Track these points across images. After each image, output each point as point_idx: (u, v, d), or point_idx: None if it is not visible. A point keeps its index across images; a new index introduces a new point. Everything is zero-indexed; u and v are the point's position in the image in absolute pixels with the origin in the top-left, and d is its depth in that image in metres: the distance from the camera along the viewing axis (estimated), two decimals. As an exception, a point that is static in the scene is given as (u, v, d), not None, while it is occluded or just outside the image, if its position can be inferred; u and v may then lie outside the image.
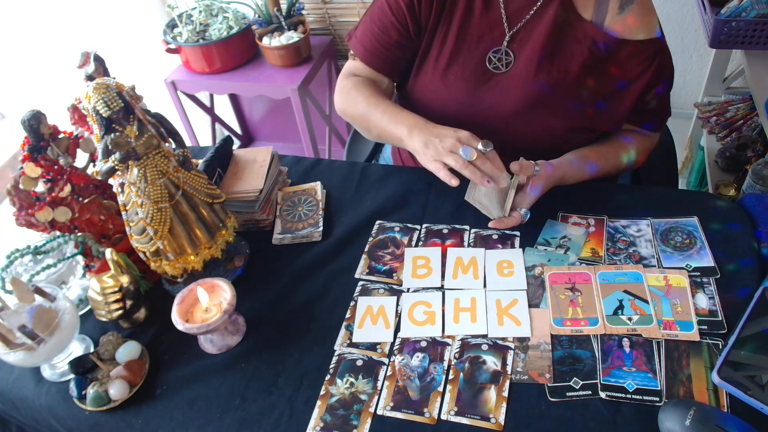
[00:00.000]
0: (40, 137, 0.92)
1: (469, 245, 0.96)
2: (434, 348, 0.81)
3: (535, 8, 0.97)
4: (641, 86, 0.98)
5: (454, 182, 0.87)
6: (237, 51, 2.01)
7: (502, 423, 0.71)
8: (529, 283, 0.88)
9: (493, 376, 0.76)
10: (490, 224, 0.94)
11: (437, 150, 0.88)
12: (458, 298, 0.86)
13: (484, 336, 0.81)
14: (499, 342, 0.80)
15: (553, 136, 1.01)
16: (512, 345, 0.80)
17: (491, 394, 0.74)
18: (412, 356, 0.81)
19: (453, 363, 0.79)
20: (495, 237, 0.96)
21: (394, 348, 0.82)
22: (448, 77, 1.02)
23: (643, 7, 0.95)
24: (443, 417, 0.73)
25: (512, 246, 0.94)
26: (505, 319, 0.83)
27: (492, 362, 0.78)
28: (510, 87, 1.00)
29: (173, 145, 0.89)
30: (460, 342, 0.81)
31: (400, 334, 0.84)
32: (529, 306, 0.84)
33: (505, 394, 0.74)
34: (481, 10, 0.99)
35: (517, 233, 0.96)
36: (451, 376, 0.77)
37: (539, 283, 0.88)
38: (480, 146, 0.87)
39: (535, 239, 0.95)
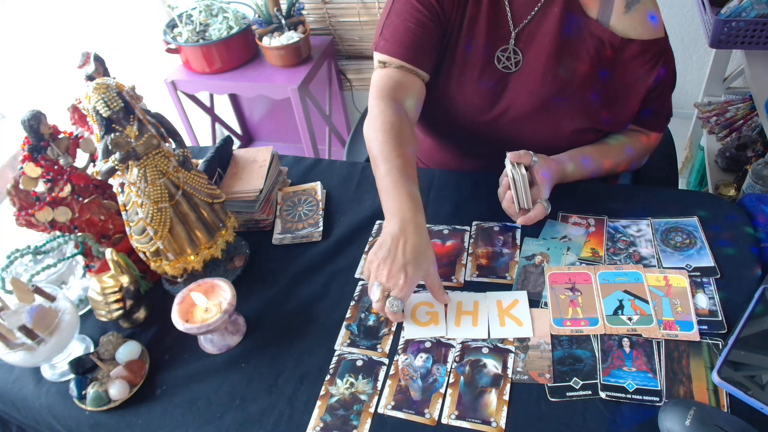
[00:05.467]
0: (40, 137, 0.92)
1: (471, 238, 0.96)
2: (438, 349, 0.81)
3: (539, 5, 0.96)
4: (646, 86, 0.98)
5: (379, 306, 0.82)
6: (237, 51, 2.01)
7: (503, 427, 0.71)
8: (529, 272, 0.88)
9: (494, 379, 0.76)
10: (518, 221, 0.93)
11: (373, 267, 0.82)
12: (461, 302, 0.86)
13: (485, 339, 0.81)
14: (500, 345, 0.80)
15: (560, 137, 1.01)
16: (513, 348, 0.80)
17: (492, 397, 0.74)
18: (416, 356, 0.80)
19: (453, 366, 0.79)
20: (496, 229, 0.97)
21: (398, 348, 0.82)
22: (459, 81, 1.02)
23: (648, 7, 0.95)
24: (444, 421, 0.73)
25: (513, 239, 0.95)
26: (506, 320, 0.83)
27: (492, 365, 0.78)
28: (520, 88, 0.99)
29: (173, 145, 0.89)
30: (461, 345, 0.81)
31: (403, 335, 0.84)
32: (530, 298, 0.85)
33: (506, 397, 0.74)
34: (488, 9, 0.98)
35: (519, 227, 0.96)
36: (451, 380, 0.77)
37: (540, 271, 0.88)
38: (391, 304, 0.79)
39: (535, 238, 0.95)
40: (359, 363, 0.81)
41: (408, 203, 0.83)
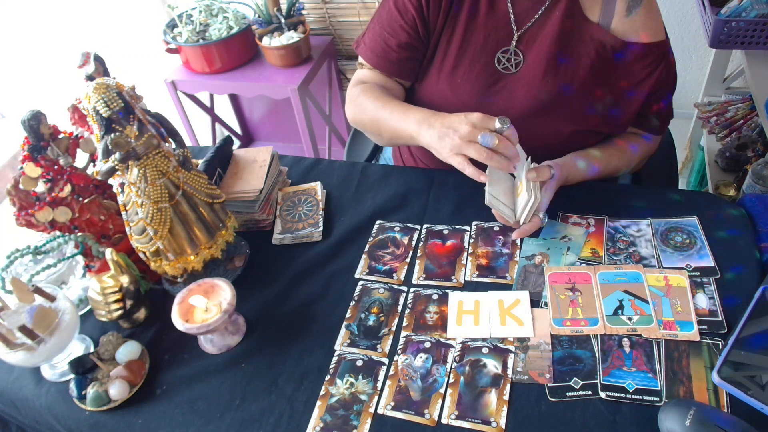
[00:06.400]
0: (40, 137, 0.92)
1: (471, 238, 0.96)
2: (438, 349, 0.81)
3: (542, 9, 0.97)
4: (647, 89, 0.98)
5: (483, 178, 0.85)
6: (237, 51, 2.01)
7: (503, 427, 0.71)
8: (529, 272, 0.88)
9: (494, 379, 0.76)
10: (513, 235, 0.93)
11: (454, 142, 0.85)
12: (461, 301, 0.86)
13: (485, 339, 0.81)
14: (500, 345, 0.80)
15: (558, 138, 1.01)
16: (513, 348, 0.80)
17: (492, 397, 0.74)
18: (416, 356, 0.80)
19: (453, 366, 0.79)
20: (496, 229, 0.97)
21: (398, 348, 0.82)
22: (454, 80, 1.02)
23: (649, 10, 0.95)
24: (444, 421, 0.73)
25: (512, 239, 0.94)
26: (507, 319, 0.83)
27: (493, 366, 0.78)
28: (518, 89, 0.99)
29: (173, 145, 0.89)
30: (461, 345, 0.81)
31: (404, 334, 0.84)
32: (531, 297, 0.85)
33: (506, 397, 0.74)
34: (486, 11, 0.98)
35: (519, 227, 0.96)
36: (451, 380, 0.77)
37: (540, 271, 0.88)
38: (497, 124, 0.83)
39: (535, 238, 0.95)
40: (359, 363, 0.81)
41: (420, 111, 0.94)
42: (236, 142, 2.48)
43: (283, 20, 1.95)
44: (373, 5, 2.05)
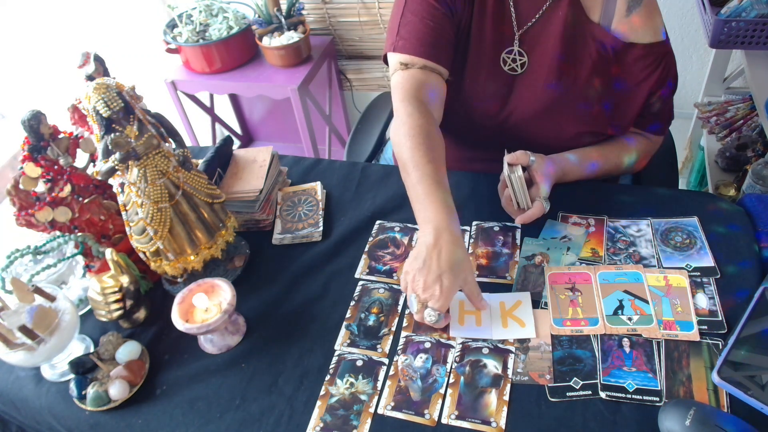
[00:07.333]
0: (40, 137, 0.92)
1: (471, 238, 0.96)
2: (438, 349, 0.81)
3: (543, 9, 0.97)
4: (647, 89, 0.98)
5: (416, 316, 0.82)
6: (237, 51, 2.00)
7: (503, 427, 0.71)
8: (529, 272, 0.88)
9: (494, 379, 0.76)
10: (516, 220, 0.93)
11: (409, 279, 0.80)
12: (462, 301, 0.86)
13: (485, 340, 0.81)
14: (500, 345, 0.80)
15: (562, 138, 1.01)
16: (513, 348, 0.80)
17: (492, 398, 0.74)
18: (416, 357, 0.80)
19: (454, 367, 0.79)
20: (496, 229, 0.97)
21: (398, 348, 0.82)
22: (469, 83, 1.02)
23: (649, 10, 0.95)
24: (444, 421, 0.73)
25: (513, 239, 0.95)
26: (509, 321, 0.83)
27: (493, 366, 0.78)
28: (524, 90, 0.99)
29: (173, 145, 0.89)
30: (461, 345, 0.81)
31: (404, 334, 0.84)
32: (532, 298, 0.85)
33: (506, 398, 0.74)
34: (493, 10, 0.98)
35: (519, 227, 0.96)
36: (451, 380, 0.77)
37: (540, 271, 0.88)
38: (428, 314, 0.79)
39: (535, 238, 0.95)
40: (359, 363, 0.81)
41: (442, 212, 0.80)
42: (236, 142, 2.48)
43: (283, 20, 1.95)
44: (373, 5, 2.05)
